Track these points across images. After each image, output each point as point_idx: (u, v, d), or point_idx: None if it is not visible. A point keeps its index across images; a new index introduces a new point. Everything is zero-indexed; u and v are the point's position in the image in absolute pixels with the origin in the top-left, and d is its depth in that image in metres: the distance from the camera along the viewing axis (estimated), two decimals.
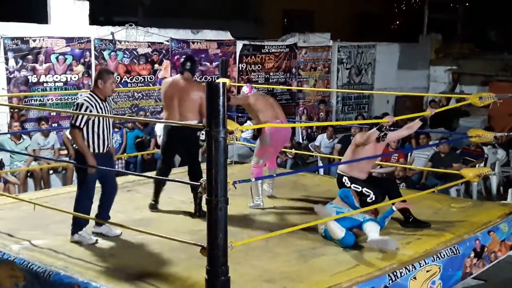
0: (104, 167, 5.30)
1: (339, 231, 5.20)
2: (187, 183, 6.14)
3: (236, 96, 6.97)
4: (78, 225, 5.36)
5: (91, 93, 5.45)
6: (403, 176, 9.84)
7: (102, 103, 5.42)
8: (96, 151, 5.35)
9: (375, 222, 5.31)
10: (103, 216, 5.50)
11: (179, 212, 6.42)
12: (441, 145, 10.03)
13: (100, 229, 5.51)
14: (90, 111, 5.27)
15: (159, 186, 6.50)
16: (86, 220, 5.36)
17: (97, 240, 5.37)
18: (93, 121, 5.32)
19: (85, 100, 5.34)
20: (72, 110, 5.40)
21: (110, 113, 5.59)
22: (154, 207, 6.49)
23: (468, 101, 6.48)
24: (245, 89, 7.02)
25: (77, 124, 5.28)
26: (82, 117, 5.26)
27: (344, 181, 5.99)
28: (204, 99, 6.25)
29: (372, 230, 5.18)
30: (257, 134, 7.24)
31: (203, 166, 4.60)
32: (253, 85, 12.32)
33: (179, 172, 7.16)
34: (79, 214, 5.33)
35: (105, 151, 5.42)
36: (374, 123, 6.24)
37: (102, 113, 5.36)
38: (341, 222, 5.31)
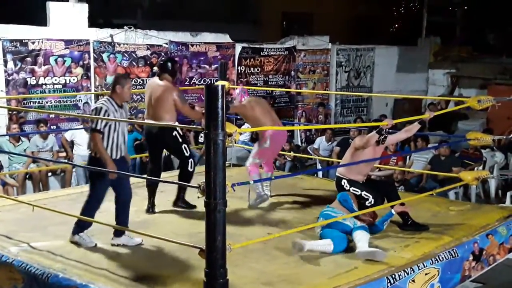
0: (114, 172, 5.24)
1: (327, 248, 5.17)
2: (180, 184, 6.19)
3: (233, 105, 7.02)
4: (81, 226, 5.35)
5: (108, 98, 5.38)
6: (402, 179, 9.85)
7: (119, 109, 5.37)
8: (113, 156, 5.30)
9: (365, 231, 5.24)
10: (122, 225, 5.39)
11: (177, 214, 6.42)
12: (441, 148, 10.04)
13: (120, 240, 5.38)
14: (108, 115, 5.24)
15: (151, 188, 6.55)
16: (90, 222, 5.33)
17: (96, 244, 5.34)
18: (110, 126, 5.28)
19: (103, 104, 5.29)
20: (91, 114, 5.36)
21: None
22: (149, 210, 6.51)
23: (467, 104, 6.49)
24: (238, 91, 7.09)
25: (98, 128, 5.23)
26: (102, 121, 5.22)
27: (343, 184, 6.00)
28: (177, 100, 6.39)
29: (361, 240, 5.12)
30: (255, 137, 7.28)
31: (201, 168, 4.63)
32: (251, 87, 12.43)
33: (177, 175, 7.14)
34: (81, 217, 5.32)
35: (119, 157, 5.36)
36: (373, 126, 6.25)
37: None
38: (333, 226, 5.31)
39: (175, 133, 6.49)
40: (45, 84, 10.40)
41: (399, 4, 27.88)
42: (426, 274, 4.87)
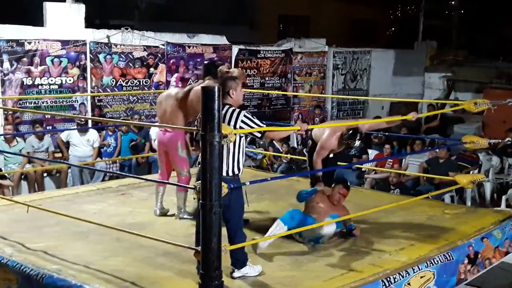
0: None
1: (280, 228, 5.24)
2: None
3: None
4: (244, 258, 4.69)
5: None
6: (397, 182, 9.84)
7: None
8: (237, 172, 4.63)
9: (283, 223, 5.28)
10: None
11: (173, 215, 6.41)
12: (440, 150, 10.07)
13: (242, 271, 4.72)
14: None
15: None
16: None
17: (262, 271, 4.77)
18: (245, 137, 4.75)
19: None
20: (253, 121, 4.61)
21: None
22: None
23: (463, 106, 6.49)
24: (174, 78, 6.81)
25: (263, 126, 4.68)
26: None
27: None
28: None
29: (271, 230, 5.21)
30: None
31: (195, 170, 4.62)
32: (247, 90, 12.43)
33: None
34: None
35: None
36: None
37: None
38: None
39: None
40: (41, 85, 10.39)
41: (395, 8, 27.97)
42: (421, 277, 4.87)
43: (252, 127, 4.58)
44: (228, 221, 4.51)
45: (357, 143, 6.06)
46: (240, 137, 4.58)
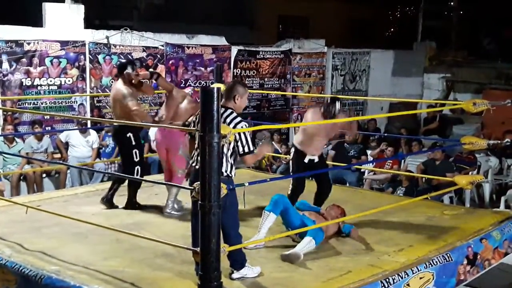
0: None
1: (312, 245, 5.19)
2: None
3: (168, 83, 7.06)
4: (242, 259, 4.66)
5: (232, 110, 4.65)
6: (408, 184, 9.76)
7: None
8: (231, 174, 4.61)
9: (314, 239, 5.19)
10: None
11: (171, 216, 6.41)
12: (436, 152, 10.06)
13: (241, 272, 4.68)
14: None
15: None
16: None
17: (261, 272, 4.76)
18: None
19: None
20: (241, 134, 4.51)
21: None
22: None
23: (461, 105, 6.49)
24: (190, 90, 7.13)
25: (252, 149, 4.56)
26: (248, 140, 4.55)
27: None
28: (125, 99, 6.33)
29: (302, 246, 5.11)
30: None
31: None
32: (250, 91, 12.43)
33: None
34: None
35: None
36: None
37: None
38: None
39: (129, 134, 6.43)
40: (40, 85, 10.38)
41: (395, 9, 27.98)
42: (420, 278, 4.87)
43: (242, 141, 4.50)
44: (224, 222, 4.41)
45: (338, 105, 6.36)
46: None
